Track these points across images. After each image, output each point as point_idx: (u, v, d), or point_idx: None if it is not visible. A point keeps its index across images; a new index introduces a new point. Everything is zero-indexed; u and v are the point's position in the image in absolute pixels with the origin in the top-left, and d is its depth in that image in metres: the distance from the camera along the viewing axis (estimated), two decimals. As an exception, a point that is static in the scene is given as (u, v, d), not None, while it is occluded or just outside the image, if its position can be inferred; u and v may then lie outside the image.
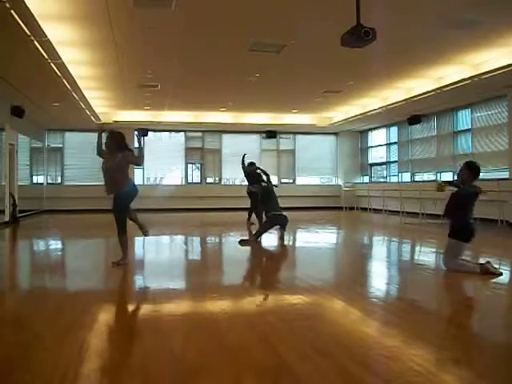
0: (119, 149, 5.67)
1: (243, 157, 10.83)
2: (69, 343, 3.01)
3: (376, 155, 17.81)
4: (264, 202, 8.58)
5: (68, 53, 8.05)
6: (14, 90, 10.18)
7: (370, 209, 16.05)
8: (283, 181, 18.38)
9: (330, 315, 3.83)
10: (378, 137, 17.66)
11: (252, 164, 10.74)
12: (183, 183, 17.74)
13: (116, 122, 15.20)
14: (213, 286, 4.88)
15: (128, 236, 5.83)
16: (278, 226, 8.79)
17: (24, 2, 5.62)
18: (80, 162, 16.91)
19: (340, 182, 18.46)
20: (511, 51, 8.40)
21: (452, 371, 2.58)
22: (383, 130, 17.08)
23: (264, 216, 8.75)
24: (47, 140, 16.90)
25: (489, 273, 4.91)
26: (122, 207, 5.65)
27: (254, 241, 7.94)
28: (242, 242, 7.88)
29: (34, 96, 10.99)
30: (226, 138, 17.86)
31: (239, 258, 6.85)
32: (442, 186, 5.48)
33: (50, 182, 16.94)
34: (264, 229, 8.26)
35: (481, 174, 5.20)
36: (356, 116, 14.66)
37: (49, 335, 3.17)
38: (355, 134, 18.39)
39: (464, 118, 12.85)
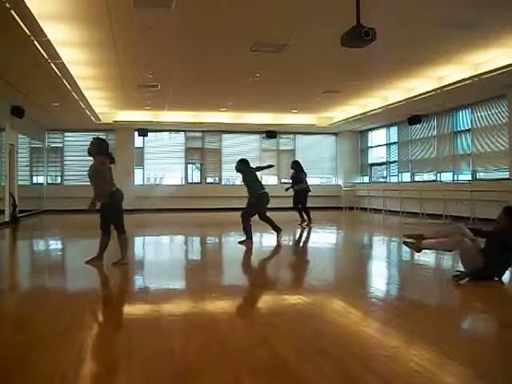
0: (99, 154, 5.71)
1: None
2: (69, 343, 3.01)
3: (376, 155, 17.79)
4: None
5: (68, 53, 8.04)
6: (14, 90, 10.18)
7: (369, 209, 16.05)
8: (283, 181, 18.34)
9: (329, 315, 3.83)
10: (378, 137, 17.64)
11: (295, 162, 11.47)
12: (183, 183, 17.74)
13: (116, 122, 15.23)
14: (212, 286, 4.88)
15: (128, 236, 5.86)
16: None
17: (24, 2, 5.62)
18: (80, 162, 16.88)
19: (340, 182, 18.46)
20: (511, 51, 8.40)
21: (452, 371, 2.58)
22: (383, 130, 17.07)
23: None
24: (47, 140, 16.89)
25: None
26: (115, 211, 5.74)
27: (250, 239, 7.86)
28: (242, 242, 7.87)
29: (34, 96, 10.99)
30: (226, 138, 17.86)
31: (239, 258, 6.85)
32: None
33: (49, 182, 16.93)
34: (248, 216, 7.90)
35: (481, 173, 5.09)
36: (356, 116, 14.65)
37: (49, 335, 3.17)
38: (355, 134, 18.38)
39: (464, 118, 12.83)
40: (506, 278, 4.85)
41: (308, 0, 6.20)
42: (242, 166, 8.13)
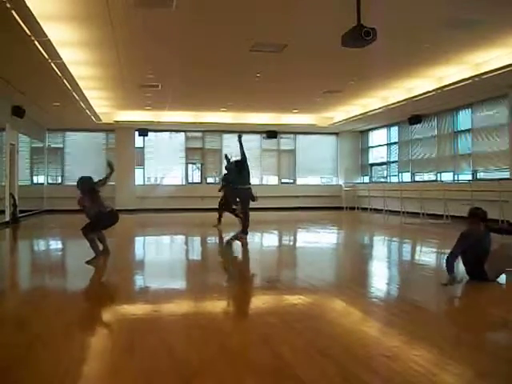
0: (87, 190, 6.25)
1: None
2: (69, 343, 3.01)
3: (376, 155, 17.79)
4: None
5: (68, 53, 8.04)
6: (14, 90, 10.18)
7: (370, 209, 16.05)
8: (284, 181, 18.38)
9: (330, 315, 3.83)
10: (378, 137, 17.64)
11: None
12: (183, 183, 17.74)
13: (116, 122, 15.23)
14: (213, 287, 4.88)
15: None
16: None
17: (24, 2, 5.62)
18: (80, 162, 16.90)
19: (340, 182, 18.45)
20: (511, 51, 8.39)
21: (452, 371, 2.57)
22: (384, 130, 17.06)
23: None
24: (48, 140, 16.88)
25: None
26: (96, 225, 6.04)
27: (244, 236, 7.90)
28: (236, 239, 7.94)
29: (35, 96, 10.99)
30: (226, 138, 17.85)
31: (239, 258, 6.85)
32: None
33: (50, 182, 16.93)
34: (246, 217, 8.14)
35: (482, 173, 5.09)
36: (356, 116, 14.64)
37: (49, 335, 3.17)
38: (356, 133, 18.38)
39: (465, 118, 12.83)
40: (503, 279, 4.85)
41: (309, 0, 6.20)
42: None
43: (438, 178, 13.88)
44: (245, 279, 5.57)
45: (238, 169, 8.67)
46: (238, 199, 8.65)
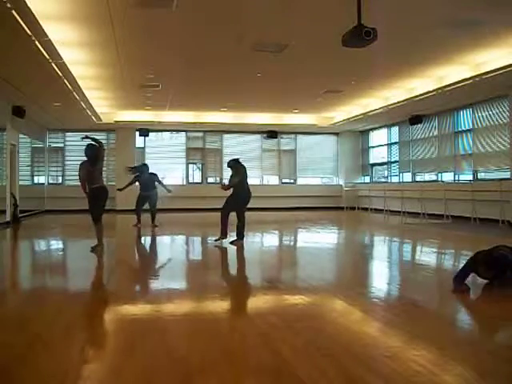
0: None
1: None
2: (69, 344, 3.01)
3: (377, 155, 17.78)
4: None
5: (69, 53, 8.04)
6: (15, 90, 10.18)
7: (371, 209, 16.05)
8: (284, 181, 18.38)
9: (330, 315, 3.83)
10: (379, 137, 17.63)
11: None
12: (184, 183, 17.73)
13: (117, 121, 15.23)
14: (213, 286, 4.88)
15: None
16: None
17: (25, 2, 5.62)
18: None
19: (341, 182, 18.44)
20: (512, 51, 8.38)
21: (453, 371, 2.57)
22: (384, 130, 17.05)
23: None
24: (48, 140, 16.90)
25: None
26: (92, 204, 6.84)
27: (242, 240, 7.80)
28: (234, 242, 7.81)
29: (35, 96, 11.00)
30: (227, 138, 17.86)
31: (240, 259, 6.85)
32: None
33: (51, 182, 16.95)
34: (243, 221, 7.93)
35: (482, 173, 4.97)
36: (357, 116, 14.63)
37: (49, 336, 3.17)
38: (356, 134, 18.36)
39: (465, 118, 12.83)
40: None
41: (309, 0, 6.20)
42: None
43: (439, 178, 13.87)
44: (245, 279, 5.57)
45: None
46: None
